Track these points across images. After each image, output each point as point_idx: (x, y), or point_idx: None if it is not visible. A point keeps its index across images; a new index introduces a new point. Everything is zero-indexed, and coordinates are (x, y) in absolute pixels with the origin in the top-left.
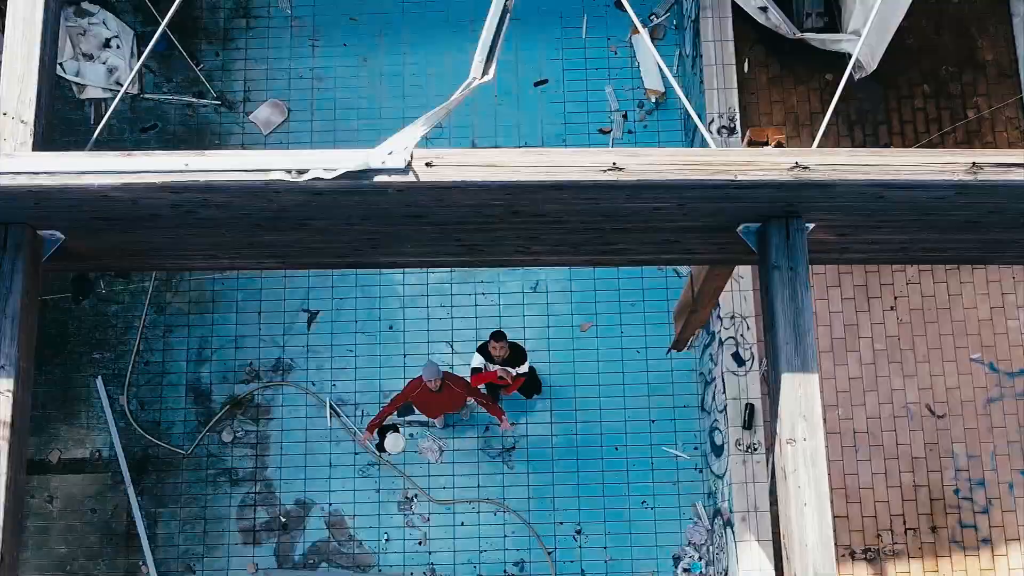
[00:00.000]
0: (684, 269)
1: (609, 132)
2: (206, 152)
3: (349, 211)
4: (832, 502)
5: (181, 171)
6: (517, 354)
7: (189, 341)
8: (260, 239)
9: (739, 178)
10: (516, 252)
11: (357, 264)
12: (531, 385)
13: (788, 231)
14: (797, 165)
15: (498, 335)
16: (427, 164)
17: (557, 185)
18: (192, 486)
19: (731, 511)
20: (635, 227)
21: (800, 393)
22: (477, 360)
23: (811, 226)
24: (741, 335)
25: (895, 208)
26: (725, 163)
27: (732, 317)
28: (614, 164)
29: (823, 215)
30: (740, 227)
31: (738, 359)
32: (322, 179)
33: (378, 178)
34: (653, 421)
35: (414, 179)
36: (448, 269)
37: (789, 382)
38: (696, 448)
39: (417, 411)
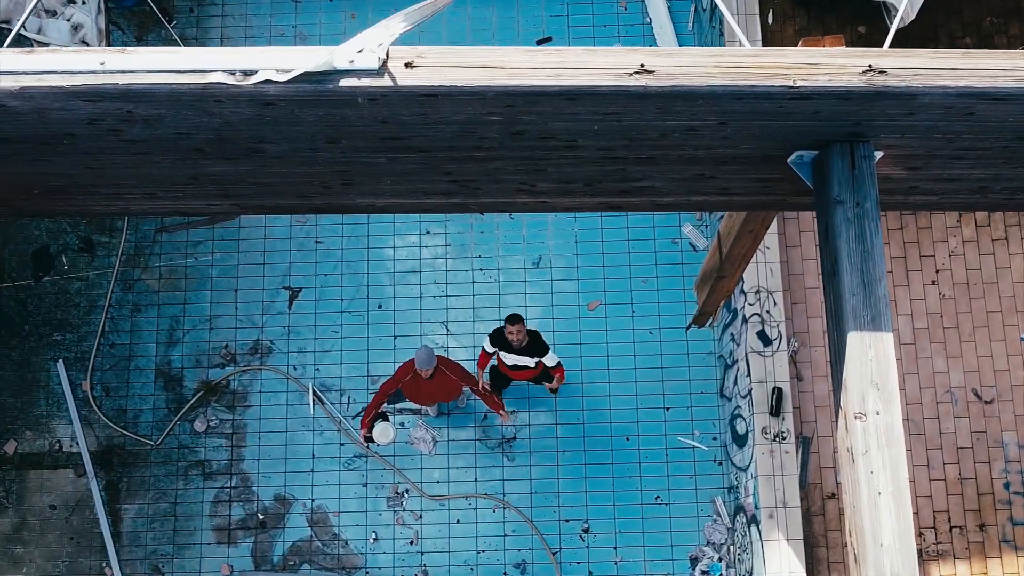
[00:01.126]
0: (702, 242)
1: None
2: (128, 48)
3: (311, 131)
4: None
5: (95, 72)
6: (536, 343)
7: (159, 321)
8: (204, 171)
9: (798, 84)
10: (518, 191)
11: (327, 208)
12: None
13: (853, 158)
14: (871, 69)
15: (514, 318)
16: (407, 65)
17: (570, 93)
18: (161, 480)
19: (756, 507)
20: (663, 156)
21: (871, 355)
22: (487, 346)
23: (879, 155)
24: (767, 311)
25: (985, 129)
26: (780, 65)
27: (757, 292)
28: (642, 66)
29: (894, 140)
30: (792, 156)
31: (764, 338)
32: (274, 82)
33: (345, 82)
34: (668, 409)
35: (390, 84)
36: (443, 243)
37: (857, 343)
38: (715, 438)
39: (407, 399)
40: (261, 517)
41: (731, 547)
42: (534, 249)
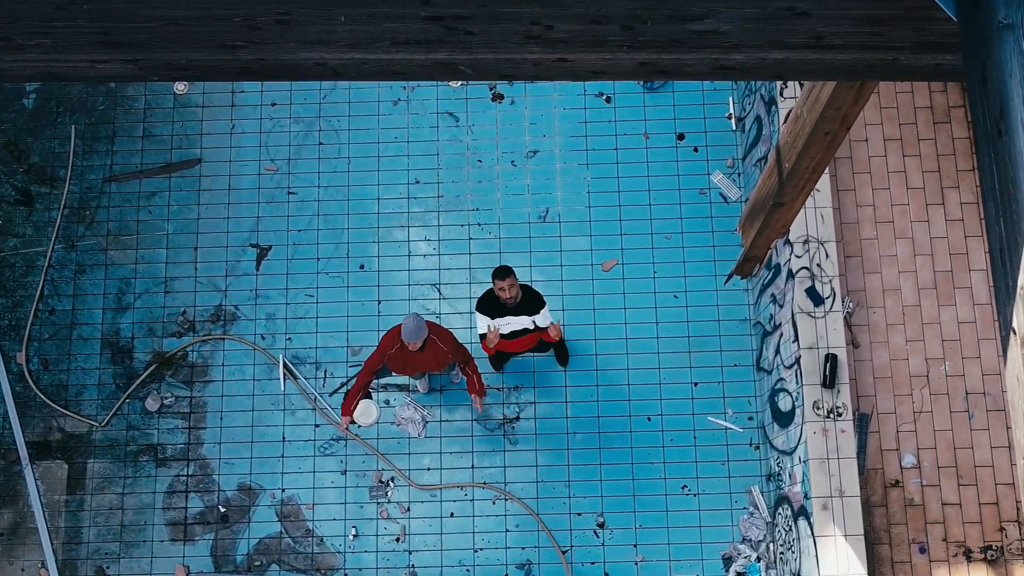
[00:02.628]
0: (735, 192)
1: None
2: None
3: None
4: (939, 486)
5: None
6: (530, 298)
7: (106, 284)
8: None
9: None
10: (526, 39)
11: (261, 69)
12: (558, 350)
13: None
14: None
15: (502, 271)
16: None
17: None
18: (108, 467)
19: (807, 496)
20: None
21: None
22: (482, 323)
23: None
24: (818, 265)
25: None
26: None
27: (805, 242)
28: None
29: None
30: None
31: (814, 296)
32: None
33: None
34: (696, 384)
35: None
36: (434, 194)
37: None
38: (751, 418)
39: (392, 372)
40: (223, 510)
41: (771, 545)
42: (540, 200)
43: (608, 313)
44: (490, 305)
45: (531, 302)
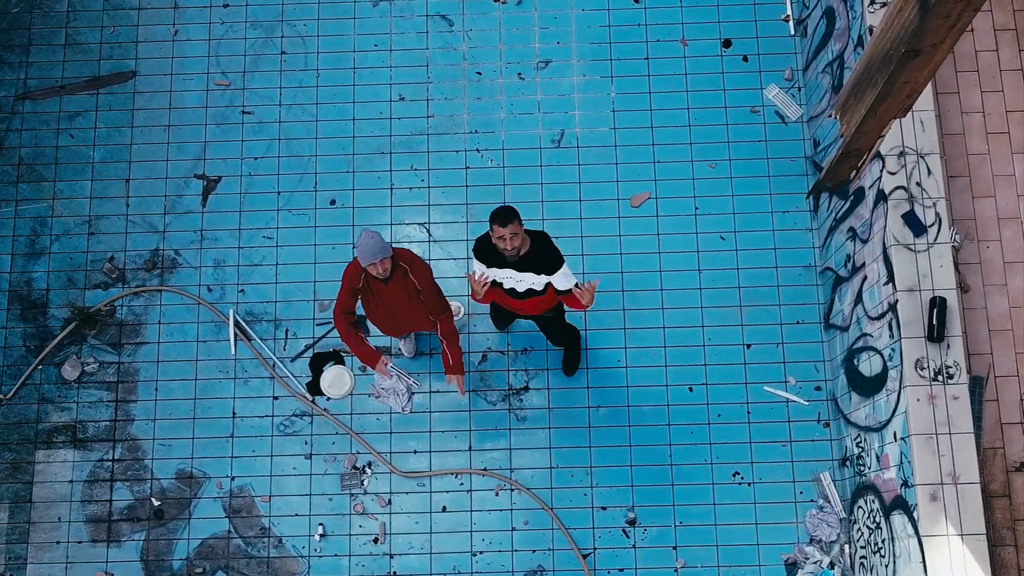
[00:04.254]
0: (794, 110)
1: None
2: None
3: None
4: None
5: None
6: (542, 252)
7: (16, 224)
8: None
9: None
10: None
11: None
12: (569, 347)
13: None
14: None
15: (502, 215)
16: None
17: None
18: (13, 449)
19: (907, 484)
20: None
21: None
22: (478, 269)
23: None
24: (917, 184)
25: None
26: None
27: (901, 155)
28: None
29: None
30: None
31: (914, 223)
32: None
33: None
34: (749, 347)
35: None
36: (423, 113)
37: None
38: (819, 388)
39: (372, 326)
40: (157, 503)
41: (847, 546)
42: (554, 121)
43: (639, 259)
44: (488, 252)
45: (542, 258)
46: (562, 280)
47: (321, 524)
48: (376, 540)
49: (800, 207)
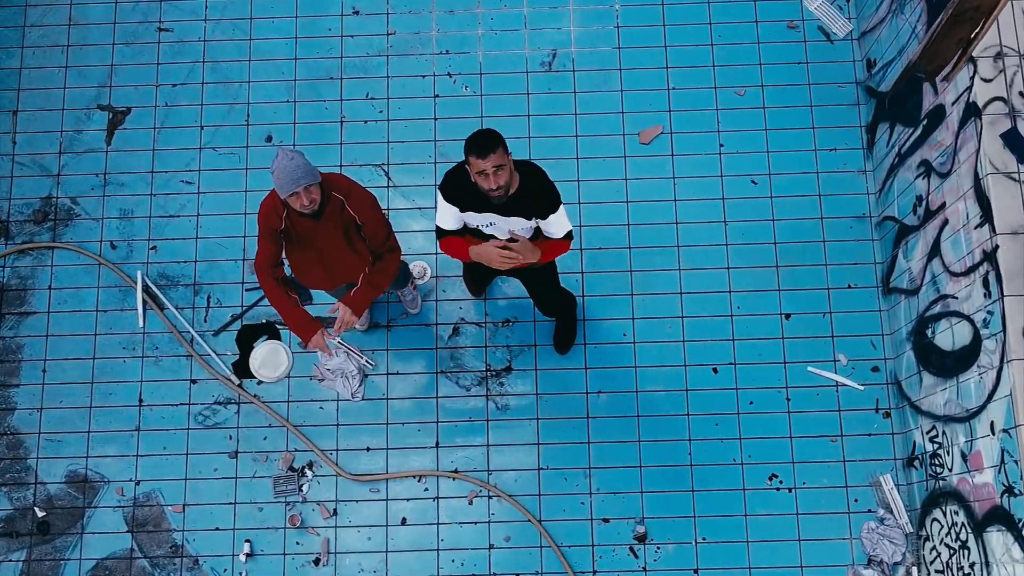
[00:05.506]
0: (841, 25)
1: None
2: None
3: None
4: None
5: None
6: (535, 190)
7: None
8: None
9: None
10: None
11: None
12: (563, 318)
13: None
14: None
15: (483, 142)
16: None
17: None
18: None
19: (1016, 490)
20: None
21: None
22: (446, 215)
23: None
24: (1021, 93)
25: None
26: None
27: (998, 56)
28: None
29: None
30: None
31: (1017, 144)
32: None
33: None
34: (787, 317)
35: None
36: (382, 30)
37: None
38: (877, 369)
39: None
40: (41, 515)
41: (917, 568)
42: (544, 39)
43: (650, 209)
44: (462, 190)
45: (535, 198)
46: (557, 225)
47: (248, 541)
48: (317, 561)
49: (851, 144)
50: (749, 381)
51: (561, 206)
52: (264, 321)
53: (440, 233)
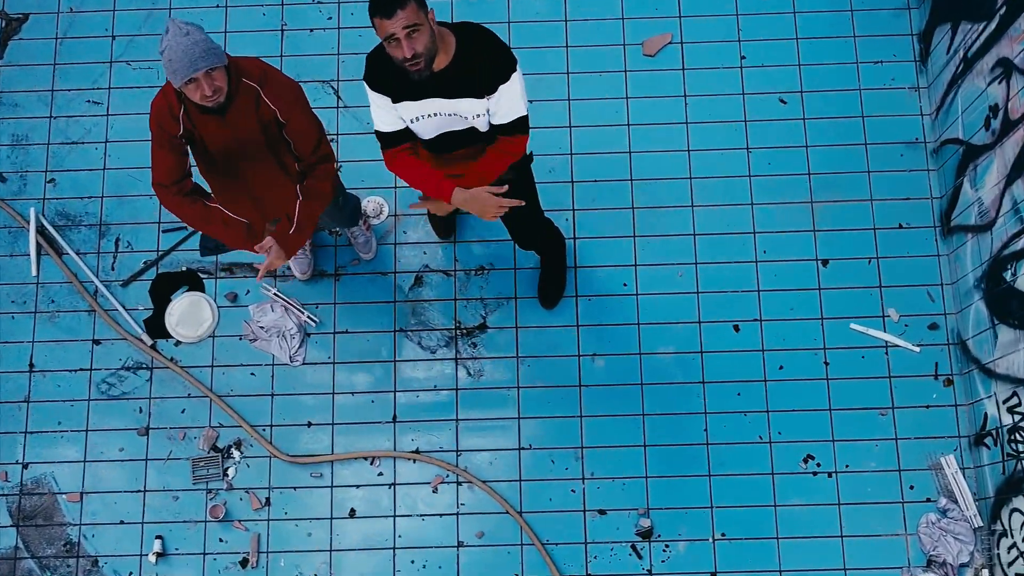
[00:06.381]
0: None
1: None
2: None
3: None
4: None
5: None
6: (480, 53)
7: None
8: None
9: None
10: None
11: None
12: (549, 260)
13: None
14: None
15: None
16: None
17: None
18: None
19: None
20: None
21: None
22: (380, 113)
23: None
24: None
25: None
26: None
27: None
28: None
29: None
30: None
31: None
32: None
33: None
34: (825, 263)
35: None
36: None
37: None
38: (935, 326)
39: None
40: None
41: (990, 571)
42: None
43: (656, 133)
44: (388, 72)
45: (483, 63)
46: (508, 101)
47: (159, 537)
48: (245, 563)
49: (900, 56)
50: (778, 341)
51: (516, 73)
52: (184, 268)
53: (383, 143)
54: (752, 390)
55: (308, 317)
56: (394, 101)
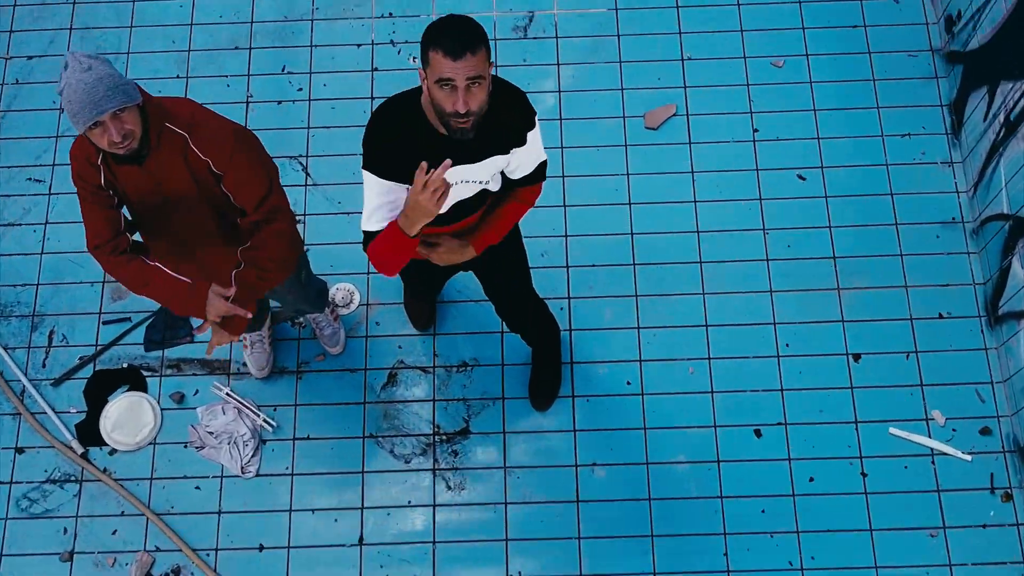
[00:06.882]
0: None
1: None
2: None
3: None
4: None
5: None
6: (505, 103)
7: None
8: None
9: None
10: None
11: None
12: (543, 351)
13: None
14: None
15: (458, 31)
16: None
17: None
18: None
19: None
20: None
21: None
22: (379, 206)
23: None
24: None
25: None
26: None
27: None
28: None
29: None
30: None
31: None
32: None
33: None
34: (857, 358)
35: None
36: None
37: None
38: (988, 430)
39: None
40: None
41: None
42: None
43: (660, 213)
44: (406, 144)
45: (511, 112)
46: (533, 150)
47: None
48: None
49: (930, 128)
50: (806, 449)
51: (536, 128)
52: (125, 365)
53: (366, 244)
54: (779, 506)
55: (264, 421)
56: (398, 181)
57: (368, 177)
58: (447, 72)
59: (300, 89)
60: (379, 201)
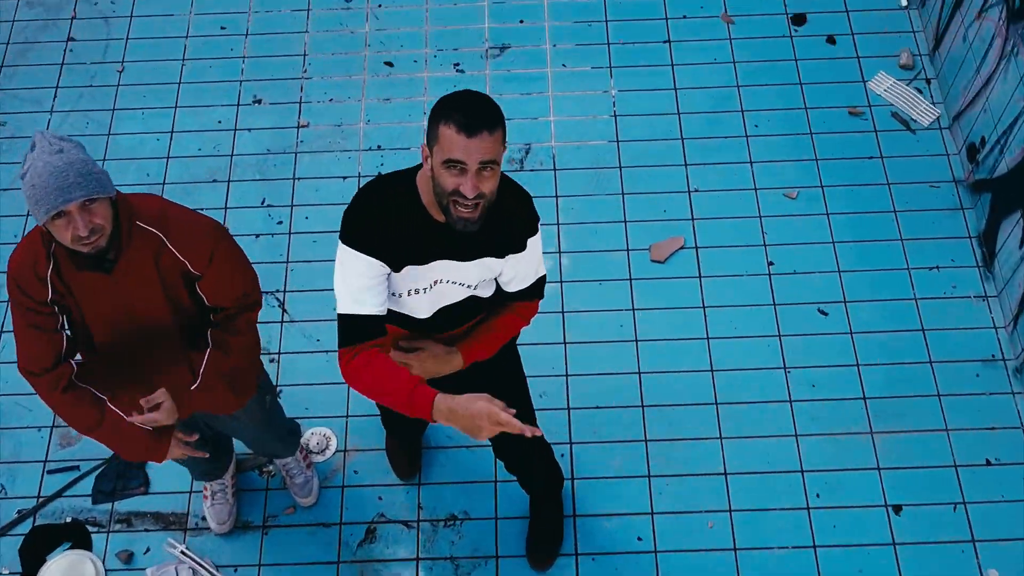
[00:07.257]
0: (924, 110)
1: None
2: None
3: None
4: None
5: None
6: (510, 212)
7: None
8: None
9: None
10: None
11: None
12: (542, 501)
13: None
14: None
15: (477, 108)
16: None
17: None
18: None
19: None
20: None
21: None
22: (359, 287)
23: None
24: None
25: None
26: None
27: None
28: None
29: None
30: None
31: None
32: None
33: None
34: (898, 510)
35: None
36: (292, 122)
37: None
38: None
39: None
40: None
41: None
42: (516, 131)
43: (670, 351)
44: (397, 223)
45: (507, 212)
46: (531, 259)
47: None
48: None
49: (959, 260)
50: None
51: (538, 234)
52: (69, 519)
53: (349, 334)
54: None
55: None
56: (396, 269)
57: (348, 254)
58: (458, 152)
59: (280, 222)
60: (363, 282)
